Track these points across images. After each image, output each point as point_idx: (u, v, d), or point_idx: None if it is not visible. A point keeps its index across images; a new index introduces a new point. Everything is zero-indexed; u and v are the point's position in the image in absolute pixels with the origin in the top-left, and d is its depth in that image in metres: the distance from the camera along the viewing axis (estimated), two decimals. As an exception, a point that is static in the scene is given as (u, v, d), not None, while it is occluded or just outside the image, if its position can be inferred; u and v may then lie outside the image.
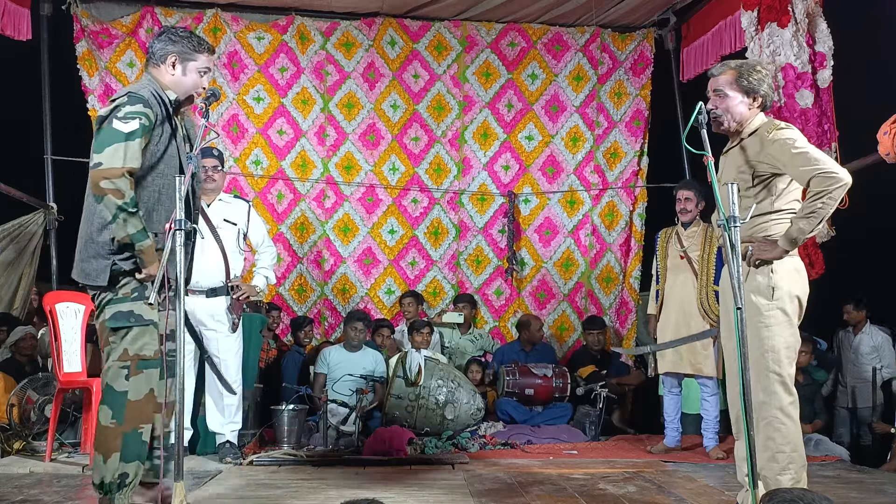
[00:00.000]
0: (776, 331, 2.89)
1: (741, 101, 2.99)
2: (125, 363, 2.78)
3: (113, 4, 6.29)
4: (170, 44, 2.96)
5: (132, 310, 2.80)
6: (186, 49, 2.97)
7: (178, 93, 2.98)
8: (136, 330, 2.81)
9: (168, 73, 2.97)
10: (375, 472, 4.11)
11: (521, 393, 5.63)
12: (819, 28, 4.82)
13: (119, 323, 2.80)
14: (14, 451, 4.50)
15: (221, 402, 4.46)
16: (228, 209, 4.56)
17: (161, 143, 2.87)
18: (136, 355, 2.79)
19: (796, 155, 2.85)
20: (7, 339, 5.69)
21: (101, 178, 2.71)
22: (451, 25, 6.68)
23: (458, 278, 6.70)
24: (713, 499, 3.43)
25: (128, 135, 2.72)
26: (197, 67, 2.99)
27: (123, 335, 2.81)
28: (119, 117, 2.74)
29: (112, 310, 2.82)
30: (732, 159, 3.08)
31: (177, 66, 2.97)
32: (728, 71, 3.02)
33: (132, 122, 2.73)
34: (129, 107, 2.75)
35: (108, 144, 2.72)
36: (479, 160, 6.74)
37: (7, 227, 5.87)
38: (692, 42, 6.35)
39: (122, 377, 2.77)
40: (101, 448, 2.78)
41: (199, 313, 4.36)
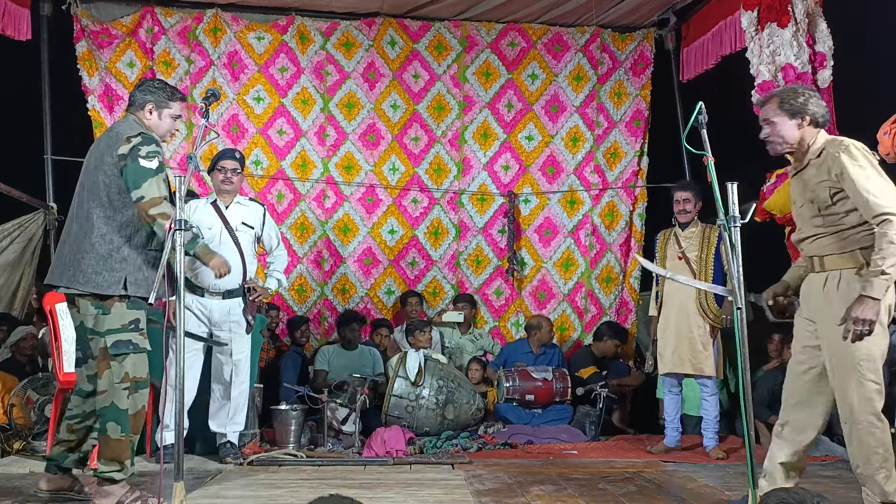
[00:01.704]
0: (874, 340, 2.90)
1: (789, 123, 3.09)
2: (127, 385, 3.24)
3: (113, 4, 6.29)
4: (148, 93, 3.41)
5: (130, 339, 3.26)
6: (162, 98, 3.42)
7: (157, 134, 3.42)
8: (133, 357, 3.26)
9: (146, 118, 3.41)
10: (375, 471, 4.11)
11: (522, 398, 5.61)
12: (819, 28, 4.82)
13: (120, 350, 3.24)
14: (14, 451, 4.50)
15: (223, 403, 4.46)
16: (246, 212, 4.59)
17: None
18: (134, 378, 3.25)
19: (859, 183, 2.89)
20: (8, 338, 5.69)
21: (149, 207, 3.18)
22: (451, 25, 6.68)
23: (458, 278, 6.70)
24: (713, 499, 3.43)
25: (156, 170, 3.23)
26: (170, 114, 3.45)
27: (123, 360, 3.24)
28: (143, 156, 3.21)
29: (113, 338, 3.23)
30: (804, 181, 3.13)
31: (153, 112, 3.42)
32: (771, 99, 3.16)
33: (155, 159, 3.23)
34: (147, 147, 3.23)
35: (144, 180, 3.20)
36: (479, 160, 6.74)
37: (7, 226, 5.87)
38: (692, 42, 6.35)
39: (125, 397, 3.23)
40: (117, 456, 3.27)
41: (215, 315, 4.38)
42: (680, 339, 4.69)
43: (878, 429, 2.93)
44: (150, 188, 3.18)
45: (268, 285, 4.65)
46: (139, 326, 3.28)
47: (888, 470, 2.95)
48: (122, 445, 3.23)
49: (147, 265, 3.29)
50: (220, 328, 4.41)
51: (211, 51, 6.40)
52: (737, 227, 2.78)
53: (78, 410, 3.42)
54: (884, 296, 2.83)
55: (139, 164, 3.20)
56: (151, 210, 3.17)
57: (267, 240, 4.70)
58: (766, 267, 5.70)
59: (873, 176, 2.89)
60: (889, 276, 2.82)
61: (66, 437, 3.42)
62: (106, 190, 3.27)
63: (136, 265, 3.26)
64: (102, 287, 3.21)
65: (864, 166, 2.90)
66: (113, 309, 3.24)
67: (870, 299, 2.82)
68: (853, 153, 2.94)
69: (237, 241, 4.44)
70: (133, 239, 3.27)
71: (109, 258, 3.22)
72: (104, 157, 3.29)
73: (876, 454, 2.93)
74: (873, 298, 2.81)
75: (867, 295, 2.82)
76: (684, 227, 4.81)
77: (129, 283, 3.23)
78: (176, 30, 6.38)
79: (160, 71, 6.33)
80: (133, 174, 3.20)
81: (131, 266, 3.25)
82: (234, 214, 4.52)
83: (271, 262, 4.75)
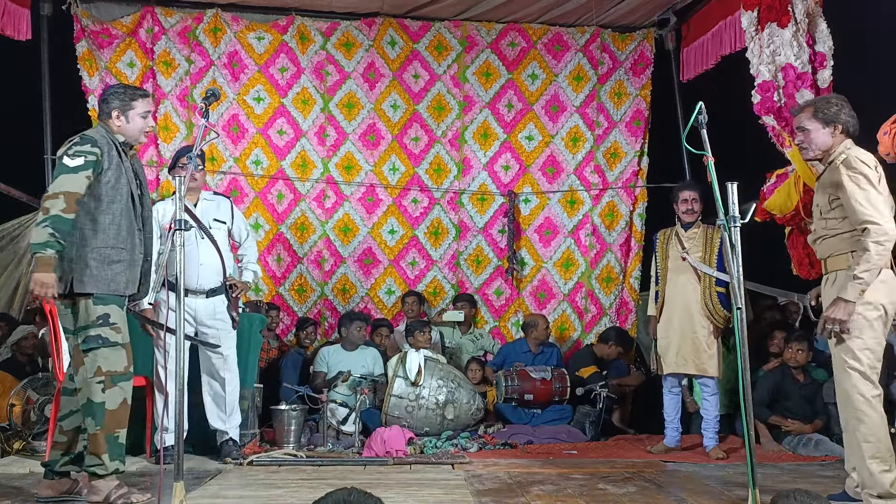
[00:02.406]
0: (855, 334, 3.10)
1: (822, 130, 3.28)
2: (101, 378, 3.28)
3: (113, 4, 6.29)
4: (110, 100, 3.48)
5: (99, 334, 3.31)
6: (125, 101, 3.47)
7: (127, 137, 3.50)
8: (104, 350, 3.30)
9: (115, 124, 3.48)
10: (375, 471, 4.11)
11: (521, 398, 5.60)
12: (819, 28, 4.81)
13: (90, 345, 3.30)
14: (14, 451, 4.50)
15: (220, 400, 4.47)
16: (215, 208, 4.57)
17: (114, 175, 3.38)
18: (108, 371, 3.29)
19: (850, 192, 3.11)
20: (9, 337, 5.69)
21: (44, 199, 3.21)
22: (451, 25, 6.68)
23: (458, 278, 6.69)
24: (713, 499, 3.43)
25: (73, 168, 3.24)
26: (137, 113, 3.49)
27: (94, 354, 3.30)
28: (68, 154, 3.27)
29: (83, 334, 3.32)
30: (821, 185, 3.36)
31: (120, 116, 3.47)
32: (806, 108, 3.37)
33: (79, 158, 3.26)
34: (78, 147, 3.29)
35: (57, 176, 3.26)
36: (480, 160, 6.74)
37: (7, 226, 5.88)
38: (692, 42, 6.34)
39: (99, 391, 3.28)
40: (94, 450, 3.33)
41: (199, 314, 4.38)
42: (684, 340, 4.69)
43: (868, 416, 3.06)
44: (59, 183, 3.21)
45: (245, 279, 4.63)
46: (109, 321, 3.31)
47: (883, 462, 3.03)
48: (97, 439, 3.27)
49: (96, 262, 3.29)
50: (207, 326, 4.42)
51: (211, 51, 6.40)
52: (737, 227, 2.78)
53: (66, 410, 3.46)
54: (858, 297, 3.04)
55: (61, 162, 3.27)
56: (45, 202, 3.20)
57: (237, 232, 4.67)
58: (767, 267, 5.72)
59: (865, 187, 3.09)
60: (862, 281, 3.03)
61: (59, 439, 3.47)
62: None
63: (82, 263, 3.28)
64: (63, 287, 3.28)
65: (859, 178, 3.10)
66: (80, 306, 3.31)
67: (842, 301, 3.06)
68: (851, 164, 3.14)
69: (213, 239, 4.43)
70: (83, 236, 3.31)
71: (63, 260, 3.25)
72: None
73: (867, 442, 3.05)
74: (845, 300, 3.05)
75: (840, 297, 3.07)
76: (687, 228, 4.81)
77: (77, 282, 3.27)
78: (176, 30, 6.38)
79: (160, 71, 6.33)
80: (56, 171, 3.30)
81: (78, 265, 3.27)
82: (205, 212, 4.49)
83: (243, 254, 4.72)
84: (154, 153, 6.33)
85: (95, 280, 3.28)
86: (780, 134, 4.84)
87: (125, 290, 3.40)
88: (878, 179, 3.15)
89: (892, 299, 3.14)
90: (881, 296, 3.10)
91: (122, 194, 3.39)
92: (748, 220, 2.92)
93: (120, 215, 3.37)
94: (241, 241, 4.72)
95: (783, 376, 5.07)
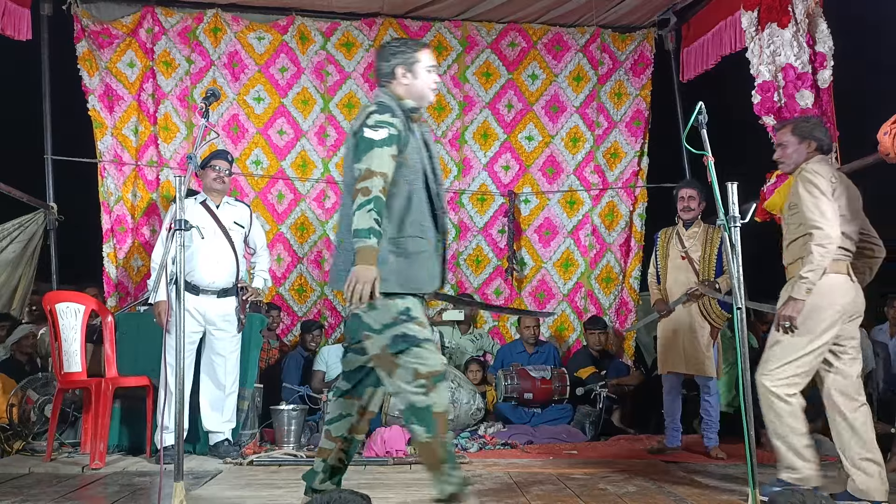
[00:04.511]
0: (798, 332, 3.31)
1: (798, 146, 3.50)
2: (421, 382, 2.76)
3: (113, 4, 6.29)
4: (392, 57, 2.96)
5: (405, 332, 2.78)
6: (408, 54, 2.96)
7: (415, 98, 2.97)
8: (415, 350, 2.77)
9: (402, 83, 2.96)
10: (375, 471, 4.11)
11: (521, 397, 5.60)
12: (819, 28, 4.81)
13: (399, 346, 2.77)
14: (14, 451, 4.50)
15: (217, 401, 4.48)
16: (236, 212, 4.68)
17: (411, 150, 2.87)
18: (428, 373, 2.76)
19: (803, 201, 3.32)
20: (9, 337, 5.69)
21: (360, 180, 2.70)
22: (451, 26, 6.68)
23: (458, 278, 6.69)
24: (713, 499, 3.43)
25: (379, 141, 2.73)
26: (423, 67, 2.97)
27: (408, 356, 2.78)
28: (369, 125, 2.75)
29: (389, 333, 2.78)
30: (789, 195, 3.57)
31: (406, 74, 2.96)
32: (786, 125, 3.60)
33: (382, 129, 2.75)
34: (378, 116, 2.78)
35: (364, 153, 2.73)
36: (480, 160, 6.74)
37: (7, 226, 5.87)
38: (692, 42, 6.34)
39: (422, 395, 2.76)
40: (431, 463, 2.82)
41: (209, 314, 4.42)
42: (684, 340, 4.69)
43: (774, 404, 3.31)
44: (370, 159, 2.71)
45: (255, 284, 4.70)
46: (412, 315, 2.78)
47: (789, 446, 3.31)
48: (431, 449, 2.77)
49: (395, 255, 2.78)
50: (216, 327, 4.46)
51: (211, 51, 6.40)
52: (737, 227, 2.79)
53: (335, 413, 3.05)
54: (805, 296, 3.23)
55: (363, 135, 2.75)
56: (359, 184, 2.69)
57: (253, 239, 4.78)
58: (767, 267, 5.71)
59: (816, 196, 3.28)
60: (807, 280, 3.22)
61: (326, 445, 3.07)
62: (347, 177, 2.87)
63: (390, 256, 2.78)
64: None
65: (811, 187, 3.30)
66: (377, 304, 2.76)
67: (791, 299, 3.26)
68: (805, 177, 3.35)
69: (231, 240, 4.53)
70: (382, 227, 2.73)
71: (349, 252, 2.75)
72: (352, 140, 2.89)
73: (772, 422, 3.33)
74: (794, 299, 3.25)
75: (791, 296, 3.27)
76: (688, 227, 4.81)
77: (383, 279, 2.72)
78: (176, 30, 6.37)
79: (160, 71, 6.33)
80: (360, 145, 2.76)
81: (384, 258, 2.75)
82: (226, 214, 4.60)
83: (255, 262, 4.82)
84: (154, 153, 6.33)
85: (396, 276, 2.77)
86: (780, 134, 4.84)
87: (428, 287, 2.90)
88: (833, 190, 3.31)
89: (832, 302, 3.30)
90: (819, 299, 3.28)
91: (417, 172, 2.88)
92: (748, 220, 2.93)
93: (418, 198, 2.85)
94: (255, 249, 4.80)
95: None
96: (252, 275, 4.77)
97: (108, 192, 6.24)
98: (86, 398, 4.51)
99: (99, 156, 6.25)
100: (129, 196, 6.27)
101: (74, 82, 6.18)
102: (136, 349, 4.69)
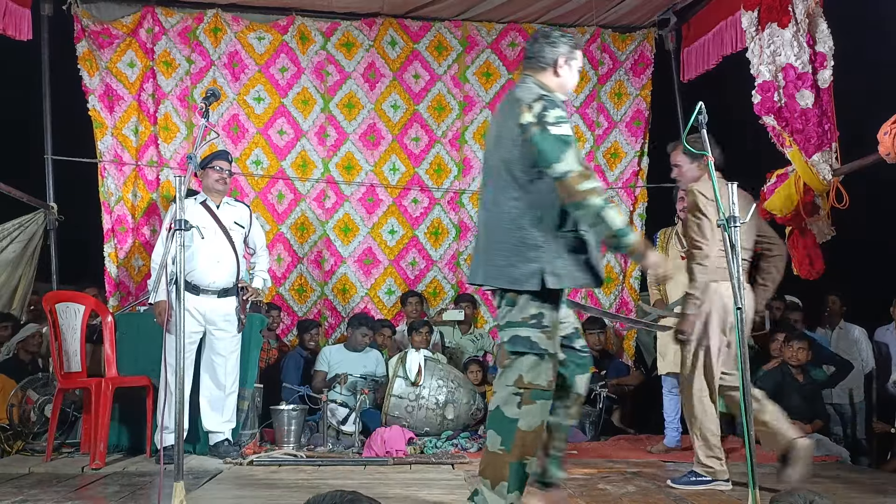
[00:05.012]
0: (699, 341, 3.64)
1: (690, 165, 3.75)
2: (518, 390, 2.72)
3: (113, 4, 6.29)
4: (558, 44, 2.90)
5: (529, 336, 2.74)
6: (571, 48, 2.92)
7: (562, 93, 2.92)
8: (532, 358, 2.73)
9: (559, 73, 2.91)
10: (375, 472, 4.11)
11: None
12: (819, 28, 4.81)
13: (517, 347, 2.75)
14: (14, 451, 4.50)
15: (217, 401, 4.48)
16: (235, 212, 4.69)
17: None
18: (530, 384, 2.71)
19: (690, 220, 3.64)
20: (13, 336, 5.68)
21: (577, 183, 2.64)
22: (451, 26, 6.68)
23: (458, 278, 6.69)
24: (713, 499, 3.43)
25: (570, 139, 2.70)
26: (578, 65, 2.96)
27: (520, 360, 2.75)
28: (551, 123, 2.68)
29: (511, 332, 2.77)
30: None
31: (563, 66, 2.90)
32: (677, 146, 3.80)
33: (565, 125, 2.71)
34: (554, 111, 2.70)
35: (562, 152, 2.65)
36: (480, 160, 6.73)
37: (7, 226, 5.87)
38: (692, 42, 6.33)
39: (515, 404, 2.72)
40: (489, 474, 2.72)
41: (210, 314, 4.42)
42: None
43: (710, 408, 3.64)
44: (571, 160, 2.65)
45: (255, 285, 4.72)
46: (542, 323, 2.74)
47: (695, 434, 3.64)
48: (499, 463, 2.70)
49: (565, 250, 2.74)
50: (216, 327, 4.46)
51: (211, 51, 6.40)
52: (737, 227, 2.78)
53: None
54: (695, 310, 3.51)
55: (550, 133, 2.66)
56: (580, 185, 2.64)
57: (253, 240, 4.80)
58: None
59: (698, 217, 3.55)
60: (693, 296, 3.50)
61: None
62: (507, 167, 2.78)
63: (553, 252, 2.72)
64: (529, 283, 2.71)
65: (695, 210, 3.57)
66: (518, 302, 2.75)
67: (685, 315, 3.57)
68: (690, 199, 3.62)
69: (231, 240, 4.53)
70: (544, 220, 2.72)
71: (522, 246, 2.71)
72: (503, 131, 2.81)
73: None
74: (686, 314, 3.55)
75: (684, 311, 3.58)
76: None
77: (550, 275, 2.70)
78: (176, 30, 6.37)
79: (160, 71, 6.33)
80: (546, 145, 2.67)
81: (547, 254, 2.71)
82: (226, 214, 4.61)
83: (255, 262, 4.84)
84: (154, 153, 6.33)
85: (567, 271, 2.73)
86: (780, 134, 4.84)
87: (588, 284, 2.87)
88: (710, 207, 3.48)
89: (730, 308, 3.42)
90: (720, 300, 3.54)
91: None
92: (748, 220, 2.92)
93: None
94: (255, 249, 4.82)
95: (783, 376, 5.07)
96: (252, 275, 4.78)
97: (109, 192, 6.24)
98: (86, 398, 4.51)
99: (99, 156, 6.25)
100: (129, 196, 6.27)
101: (74, 82, 6.18)
102: (136, 349, 4.69)
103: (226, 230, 4.53)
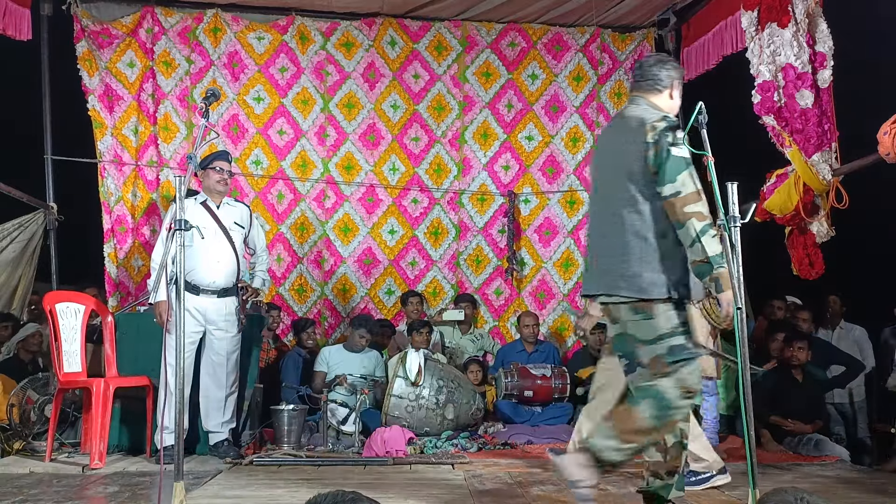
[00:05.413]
0: None
1: None
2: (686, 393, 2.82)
3: (113, 4, 6.29)
4: (671, 68, 3.02)
5: (684, 343, 2.83)
6: (680, 74, 3.06)
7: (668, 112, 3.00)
8: (694, 363, 2.82)
9: (669, 98, 3.02)
10: (375, 471, 4.11)
11: (521, 395, 5.61)
12: (819, 28, 4.81)
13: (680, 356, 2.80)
14: (14, 451, 4.50)
15: (217, 401, 4.49)
16: (235, 212, 4.69)
17: None
18: (685, 388, 2.80)
19: None
20: (13, 336, 5.68)
21: (684, 204, 2.75)
22: (451, 25, 6.68)
23: (458, 278, 6.69)
24: (713, 499, 3.43)
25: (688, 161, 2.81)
26: (680, 91, 3.05)
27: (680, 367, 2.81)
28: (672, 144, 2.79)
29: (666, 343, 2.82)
30: None
31: (673, 93, 3.02)
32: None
33: (685, 147, 2.82)
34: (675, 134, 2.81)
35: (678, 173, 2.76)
36: (479, 160, 6.74)
37: (7, 226, 5.87)
38: (692, 42, 6.34)
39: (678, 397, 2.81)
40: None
41: (210, 313, 4.42)
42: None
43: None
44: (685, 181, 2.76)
45: (254, 285, 4.73)
46: (689, 330, 2.87)
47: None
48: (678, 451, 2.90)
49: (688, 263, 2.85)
50: (216, 327, 4.46)
51: (211, 51, 6.40)
52: (737, 227, 2.78)
53: None
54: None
55: (671, 154, 2.78)
56: (687, 208, 2.75)
57: (252, 240, 4.80)
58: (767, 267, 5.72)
59: None
60: None
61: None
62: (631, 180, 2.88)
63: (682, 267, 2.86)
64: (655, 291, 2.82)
65: None
66: (655, 312, 2.84)
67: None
68: None
69: (231, 240, 4.54)
70: (668, 234, 2.84)
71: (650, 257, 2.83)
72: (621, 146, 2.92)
73: None
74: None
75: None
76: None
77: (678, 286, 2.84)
78: (176, 30, 6.38)
79: (160, 71, 6.33)
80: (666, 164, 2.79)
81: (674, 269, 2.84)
82: (226, 214, 4.61)
83: (254, 262, 4.85)
84: (154, 153, 6.33)
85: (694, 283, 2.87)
86: (780, 134, 4.84)
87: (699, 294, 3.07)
88: None
89: None
90: None
91: None
92: (748, 219, 2.92)
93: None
94: (255, 249, 4.83)
95: (783, 376, 5.07)
96: (252, 275, 4.78)
97: (109, 192, 6.24)
98: (86, 398, 4.51)
99: (99, 156, 6.26)
100: (129, 196, 6.27)
101: (74, 82, 6.19)
102: (136, 349, 4.69)
103: (226, 230, 4.54)
